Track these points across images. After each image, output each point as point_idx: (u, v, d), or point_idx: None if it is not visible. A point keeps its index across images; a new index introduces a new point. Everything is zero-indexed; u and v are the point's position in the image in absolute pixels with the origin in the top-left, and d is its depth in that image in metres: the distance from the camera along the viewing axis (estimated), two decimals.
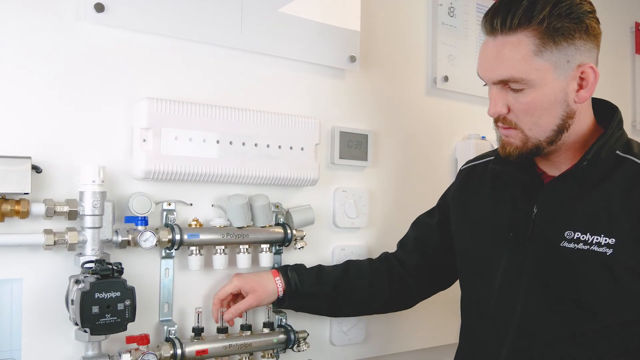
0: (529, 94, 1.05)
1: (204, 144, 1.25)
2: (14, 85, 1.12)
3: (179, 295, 1.29)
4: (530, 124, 1.07)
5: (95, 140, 1.20)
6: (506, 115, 1.09)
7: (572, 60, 1.04)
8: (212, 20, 1.32)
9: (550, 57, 1.03)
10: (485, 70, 1.09)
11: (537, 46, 1.02)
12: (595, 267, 1.03)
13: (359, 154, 1.56)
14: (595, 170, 1.08)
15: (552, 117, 1.06)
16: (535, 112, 1.05)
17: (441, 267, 1.38)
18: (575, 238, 1.05)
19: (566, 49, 1.03)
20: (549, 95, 1.04)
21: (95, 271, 1.07)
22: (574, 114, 1.07)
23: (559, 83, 1.04)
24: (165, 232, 1.21)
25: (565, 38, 1.03)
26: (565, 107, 1.06)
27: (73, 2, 1.18)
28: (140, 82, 1.25)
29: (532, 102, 1.05)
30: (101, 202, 1.13)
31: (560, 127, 1.07)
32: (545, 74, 1.03)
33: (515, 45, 1.03)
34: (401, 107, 1.69)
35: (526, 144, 1.09)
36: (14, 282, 1.11)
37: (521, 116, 1.07)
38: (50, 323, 1.14)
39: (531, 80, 1.03)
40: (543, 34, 1.02)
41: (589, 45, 1.05)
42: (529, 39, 1.02)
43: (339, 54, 1.52)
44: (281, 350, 1.37)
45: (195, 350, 1.23)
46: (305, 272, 1.35)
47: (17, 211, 1.06)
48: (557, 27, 1.02)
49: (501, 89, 1.08)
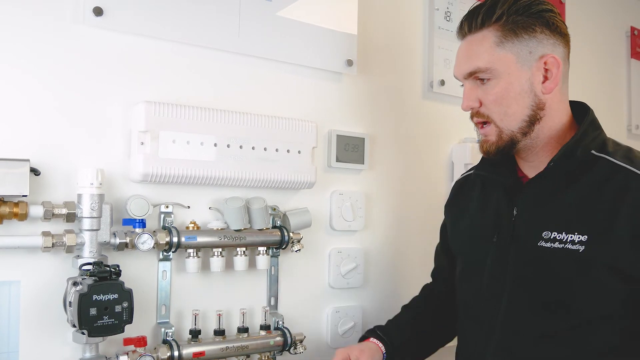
0: (496, 85, 1.11)
1: (202, 147, 1.26)
2: (13, 88, 1.13)
3: (177, 297, 1.30)
4: (500, 114, 1.12)
5: (94, 143, 1.20)
6: (479, 109, 1.14)
7: (534, 52, 1.10)
8: (209, 24, 1.32)
9: (512, 47, 1.09)
10: (457, 68, 1.17)
11: (499, 38, 1.10)
12: (569, 264, 1.05)
13: (356, 157, 1.57)
14: (569, 170, 1.10)
15: (520, 106, 1.11)
16: (504, 101, 1.11)
17: None
18: (551, 237, 1.07)
19: (527, 41, 1.09)
20: (515, 84, 1.10)
21: (93, 273, 1.08)
22: (544, 106, 1.11)
23: (524, 73, 1.10)
24: (163, 234, 1.22)
25: (526, 30, 1.09)
26: (533, 97, 1.10)
27: (72, 6, 1.18)
28: (138, 85, 1.26)
29: (499, 92, 1.10)
30: (99, 204, 1.13)
31: (532, 118, 1.11)
32: (508, 63, 1.10)
33: (480, 40, 1.12)
34: (398, 110, 1.70)
35: (501, 136, 1.13)
36: (11, 284, 1.11)
37: (491, 107, 1.12)
38: (48, 325, 1.14)
39: (496, 69, 1.10)
40: (504, 27, 1.10)
41: (552, 40, 1.11)
42: (491, 33, 1.11)
43: (336, 57, 1.53)
44: (278, 352, 1.37)
45: (193, 352, 1.23)
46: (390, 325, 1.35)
47: (15, 213, 1.07)
48: (516, 20, 1.09)
49: (472, 83, 1.14)
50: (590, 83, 2.31)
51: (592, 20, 2.35)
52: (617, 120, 2.40)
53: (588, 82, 2.29)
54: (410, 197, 1.71)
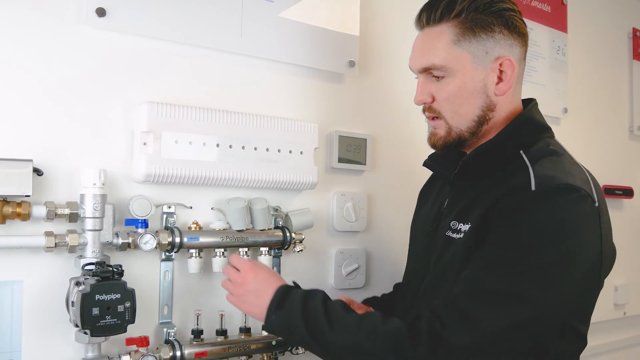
0: (449, 83, 1.09)
1: (204, 148, 1.26)
2: (16, 88, 1.13)
3: (179, 297, 1.30)
4: (451, 113, 1.11)
5: (96, 144, 1.21)
6: (431, 104, 1.13)
7: (490, 52, 1.08)
8: (212, 25, 1.33)
9: (469, 47, 1.08)
10: (412, 61, 1.16)
11: (457, 35, 1.08)
12: (454, 251, 1.07)
13: (358, 158, 1.57)
14: (483, 165, 1.11)
15: (471, 106, 1.10)
16: (456, 100, 1.10)
17: None
18: (455, 228, 1.09)
19: (485, 41, 1.08)
20: (468, 84, 1.09)
21: (96, 273, 1.08)
22: (495, 107, 1.11)
23: (478, 73, 1.09)
24: (165, 234, 1.22)
25: (484, 30, 1.08)
26: (485, 99, 1.10)
27: (74, 6, 1.19)
28: (140, 85, 1.26)
29: (452, 90, 1.09)
30: (102, 204, 1.13)
31: (481, 119, 1.11)
32: (464, 62, 1.08)
33: (437, 35, 1.10)
34: (400, 111, 1.70)
35: (450, 133, 1.13)
36: (14, 284, 1.12)
37: (443, 104, 1.11)
38: (51, 325, 1.15)
39: (450, 68, 1.08)
40: (462, 24, 1.08)
41: (510, 41, 1.09)
42: (449, 29, 1.09)
43: (338, 58, 1.53)
44: (280, 352, 1.37)
45: (195, 352, 1.23)
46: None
47: (18, 213, 1.07)
48: (476, 18, 1.07)
49: (426, 78, 1.13)
50: (592, 84, 2.31)
51: (594, 21, 2.35)
52: (618, 121, 2.40)
53: (590, 83, 2.29)
54: (412, 198, 1.71)
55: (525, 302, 0.94)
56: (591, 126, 2.26)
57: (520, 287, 0.95)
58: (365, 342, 1.00)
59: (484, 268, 0.99)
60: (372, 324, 1.01)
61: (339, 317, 1.04)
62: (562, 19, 2.17)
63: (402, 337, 0.97)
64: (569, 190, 0.98)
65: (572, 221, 0.98)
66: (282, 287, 1.11)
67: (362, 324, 1.02)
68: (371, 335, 1.00)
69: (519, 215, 0.99)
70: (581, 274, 0.99)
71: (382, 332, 0.99)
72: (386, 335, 0.99)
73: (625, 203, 2.39)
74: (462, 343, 0.94)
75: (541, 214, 0.97)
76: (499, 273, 0.97)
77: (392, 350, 0.97)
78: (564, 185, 0.98)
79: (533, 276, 0.95)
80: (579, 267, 0.98)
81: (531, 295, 0.94)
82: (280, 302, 1.08)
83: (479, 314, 0.95)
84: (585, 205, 0.99)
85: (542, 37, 2.08)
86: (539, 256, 0.95)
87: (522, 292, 0.95)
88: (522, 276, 0.95)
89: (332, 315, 1.04)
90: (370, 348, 0.99)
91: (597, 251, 1.02)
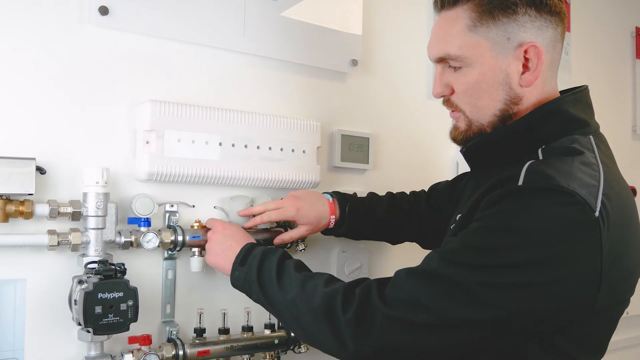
0: (467, 74, 0.99)
1: (207, 146, 1.26)
2: (19, 87, 1.13)
3: (181, 296, 1.30)
4: (470, 106, 1.01)
5: (99, 142, 1.21)
6: (450, 97, 1.04)
7: (513, 38, 0.96)
8: (214, 24, 1.33)
9: (487, 33, 0.96)
10: (429, 49, 1.05)
11: (473, 20, 0.97)
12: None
13: (360, 156, 1.57)
14: (488, 157, 1.04)
15: (492, 100, 0.99)
16: (474, 93, 0.99)
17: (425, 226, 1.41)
18: (456, 219, 1.06)
19: (506, 25, 0.96)
20: (487, 75, 0.98)
21: (99, 271, 1.08)
22: (520, 100, 0.99)
23: (499, 63, 0.97)
24: (168, 233, 1.22)
25: (505, 12, 0.95)
26: (508, 91, 0.98)
27: (77, 5, 1.19)
28: (143, 84, 1.26)
29: (470, 82, 0.99)
30: (104, 203, 1.13)
31: (504, 112, 1.00)
32: (482, 51, 0.97)
33: (452, 20, 0.99)
34: (402, 110, 1.70)
35: (470, 127, 1.04)
36: (17, 282, 1.12)
37: (461, 97, 1.02)
38: (53, 323, 1.15)
39: (467, 57, 0.98)
40: (480, 7, 0.96)
41: (538, 23, 0.97)
42: (465, 12, 0.97)
43: (340, 57, 1.53)
44: (282, 351, 1.37)
45: (197, 351, 1.23)
46: (358, 209, 1.35)
47: (21, 212, 1.07)
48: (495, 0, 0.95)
49: (443, 68, 1.03)
50: (595, 83, 2.29)
51: (597, 20, 2.34)
52: (622, 121, 2.39)
53: (592, 82, 2.27)
54: None
55: (473, 302, 0.86)
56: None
57: (472, 283, 0.86)
58: (304, 299, 0.98)
59: (449, 253, 0.91)
60: (314, 283, 0.99)
61: (289, 274, 1.03)
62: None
63: (337, 298, 0.94)
64: (557, 193, 0.86)
65: (550, 227, 0.85)
66: (247, 245, 1.13)
67: (306, 282, 1.00)
68: (310, 293, 0.98)
69: (497, 208, 0.89)
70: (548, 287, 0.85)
71: (321, 291, 0.97)
72: (324, 294, 0.96)
73: None
74: (390, 314, 0.88)
75: (519, 213, 0.87)
76: (460, 263, 0.88)
77: (325, 309, 0.95)
78: (553, 187, 0.86)
79: (490, 277, 0.86)
80: (545, 278, 0.85)
81: (479, 295, 0.85)
82: (243, 259, 1.10)
83: (424, 296, 0.88)
84: (572, 212, 0.85)
85: None
86: (504, 257, 0.86)
87: (471, 290, 0.86)
88: (479, 273, 0.86)
89: (283, 273, 1.04)
90: (307, 304, 0.97)
91: (591, 268, 0.86)
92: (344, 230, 1.35)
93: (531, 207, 0.87)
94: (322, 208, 1.32)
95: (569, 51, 2.15)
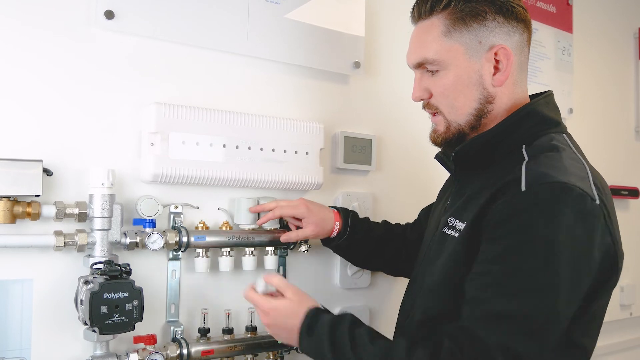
0: (443, 76, 1.07)
1: (211, 148, 1.27)
2: (26, 90, 1.15)
3: (186, 296, 1.31)
4: (448, 107, 1.09)
5: (105, 144, 1.22)
6: (429, 100, 1.12)
7: (484, 42, 1.05)
8: (218, 27, 1.34)
9: (460, 37, 1.05)
10: (407, 56, 1.14)
11: (447, 27, 1.05)
12: (449, 250, 1.05)
13: (363, 158, 1.58)
14: (476, 159, 1.09)
15: (468, 99, 1.07)
16: (451, 94, 1.07)
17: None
18: (451, 225, 1.07)
19: (477, 30, 1.04)
20: (463, 77, 1.06)
21: (104, 272, 1.09)
22: (493, 99, 1.07)
23: (473, 65, 1.05)
24: (173, 234, 1.23)
25: (476, 19, 1.04)
26: (482, 91, 1.06)
27: (83, 9, 1.20)
28: (148, 87, 1.28)
29: (447, 84, 1.07)
30: (110, 204, 1.15)
31: (479, 112, 1.07)
32: (457, 54, 1.05)
33: (428, 28, 1.08)
34: (405, 112, 1.71)
35: (449, 129, 1.10)
36: (24, 282, 1.13)
37: (439, 99, 1.09)
38: (60, 323, 1.16)
39: (443, 61, 1.06)
40: (453, 15, 1.05)
41: (506, 29, 1.05)
42: (440, 21, 1.06)
43: (343, 60, 1.54)
44: (285, 351, 1.38)
45: (201, 350, 1.25)
46: (360, 223, 1.39)
47: (28, 213, 1.09)
48: (466, 8, 1.04)
49: (422, 73, 1.11)
50: (598, 85, 2.30)
51: (599, 22, 2.34)
52: (624, 121, 2.39)
53: (595, 83, 2.29)
54: (418, 198, 1.71)
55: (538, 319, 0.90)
56: (597, 126, 2.26)
57: (527, 304, 0.91)
58: None
59: (489, 286, 0.94)
60: (397, 355, 0.98)
61: (365, 347, 1.00)
62: (567, 20, 2.17)
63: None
64: (561, 191, 0.92)
65: (568, 223, 0.91)
66: (311, 311, 1.09)
67: (388, 355, 0.99)
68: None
69: (513, 222, 0.94)
70: (580, 277, 0.94)
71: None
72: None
73: (631, 203, 2.39)
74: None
75: (535, 220, 0.92)
76: (503, 293, 0.92)
77: None
78: (556, 185, 0.92)
79: (535, 291, 0.91)
80: (577, 270, 0.93)
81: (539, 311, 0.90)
82: (310, 328, 1.07)
83: (495, 338, 0.90)
84: (580, 205, 0.92)
85: (547, 37, 2.08)
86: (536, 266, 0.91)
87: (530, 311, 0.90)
88: (528, 293, 0.91)
89: (358, 345, 1.01)
90: None
91: (609, 253, 0.97)
92: (344, 241, 1.36)
93: (544, 212, 0.92)
94: (329, 214, 1.36)
95: (571, 53, 2.15)
